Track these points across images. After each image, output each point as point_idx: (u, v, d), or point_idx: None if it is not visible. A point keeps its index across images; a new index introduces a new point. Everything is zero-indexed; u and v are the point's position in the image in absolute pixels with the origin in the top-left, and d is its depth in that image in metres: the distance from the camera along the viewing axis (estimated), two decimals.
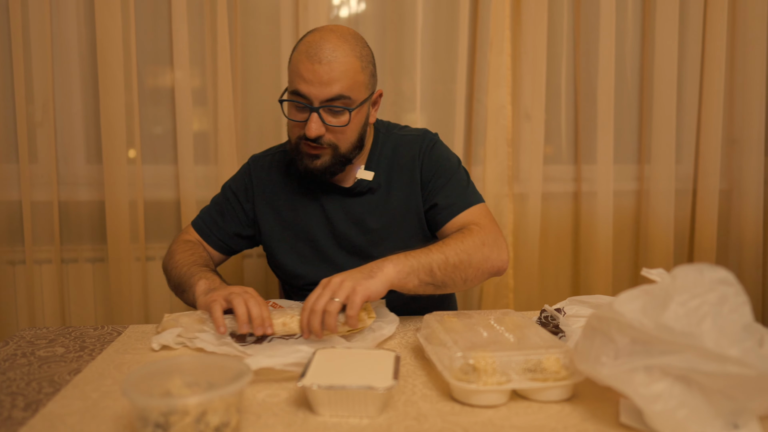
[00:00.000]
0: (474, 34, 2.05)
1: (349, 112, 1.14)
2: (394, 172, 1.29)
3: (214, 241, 1.33)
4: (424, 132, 1.33)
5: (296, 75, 1.13)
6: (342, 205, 1.29)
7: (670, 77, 2.10)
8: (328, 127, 1.15)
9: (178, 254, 1.25)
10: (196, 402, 0.65)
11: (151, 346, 1.00)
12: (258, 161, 1.36)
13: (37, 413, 0.76)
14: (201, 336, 0.98)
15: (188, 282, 1.14)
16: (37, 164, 1.85)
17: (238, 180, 1.36)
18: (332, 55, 1.11)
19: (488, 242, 1.14)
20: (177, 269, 1.20)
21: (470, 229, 1.17)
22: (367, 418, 0.74)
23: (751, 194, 2.20)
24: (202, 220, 1.35)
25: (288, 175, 1.32)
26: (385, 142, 1.31)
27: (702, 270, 0.70)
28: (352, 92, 1.13)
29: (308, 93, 1.12)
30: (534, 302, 2.11)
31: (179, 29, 1.84)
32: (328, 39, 1.13)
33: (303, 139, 1.16)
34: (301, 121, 1.15)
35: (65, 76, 1.84)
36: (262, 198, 1.32)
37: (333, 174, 1.21)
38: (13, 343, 1.03)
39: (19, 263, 1.86)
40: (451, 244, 1.10)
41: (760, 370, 0.62)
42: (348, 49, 1.13)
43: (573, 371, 0.78)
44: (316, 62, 1.10)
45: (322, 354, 0.85)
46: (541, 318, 1.09)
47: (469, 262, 1.10)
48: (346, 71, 1.12)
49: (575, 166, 2.18)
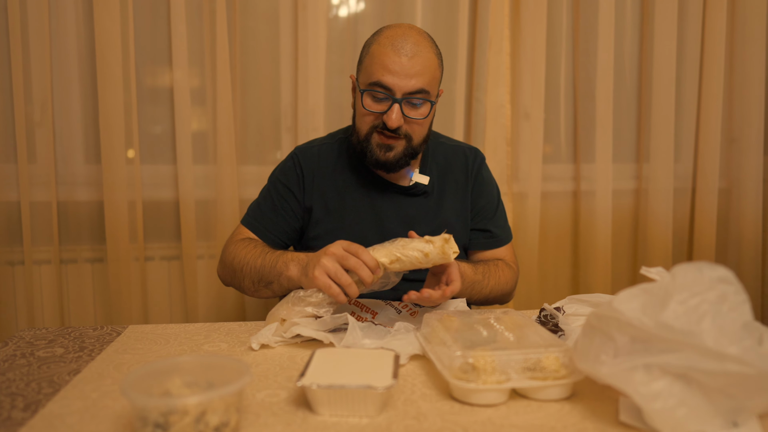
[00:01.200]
0: (473, 34, 2.05)
1: (431, 105, 1.19)
2: (447, 181, 1.32)
3: (270, 238, 1.29)
4: (474, 148, 1.41)
5: (380, 66, 1.15)
6: (395, 203, 1.30)
7: (669, 76, 2.10)
8: (407, 119, 1.18)
9: (242, 252, 1.20)
10: (195, 402, 0.65)
11: (251, 345, 1.00)
12: (305, 152, 1.34)
13: (37, 414, 0.75)
14: (300, 322, 1.01)
15: (272, 272, 1.12)
16: (35, 164, 1.84)
17: (288, 171, 1.33)
18: (417, 49, 1.15)
19: (513, 286, 1.33)
20: (251, 265, 1.17)
21: (511, 268, 1.32)
22: (367, 417, 0.74)
23: (750, 193, 2.20)
24: (254, 218, 1.31)
25: (336, 167, 1.32)
26: (435, 149, 1.36)
27: (701, 268, 0.70)
28: (431, 87, 1.18)
29: (392, 84, 1.14)
30: (533, 301, 2.11)
31: (178, 29, 1.84)
32: (411, 34, 1.17)
33: (377, 130, 1.19)
34: (377, 112, 1.18)
35: (64, 76, 1.84)
36: (312, 187, 1.31)
37: (401, 166, 1.24)
38: (13, 343, 1.02)
39: (18, 264, 1.86)
40: (501, 279, 1.26)
41: (759, 368, 0.62)
42: (429, 46, 1.18)
43: (572, 370, 0.78)
44: (403, 55, 1.14)
45: (321, 353, 0.85)
46: (540, 317, 1.09)
47: (495, 296, 1.27)
48: (429, 66, 1.17)
49: (574, 165, 2.18)
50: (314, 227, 1.30)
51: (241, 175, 1.96)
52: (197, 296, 1.95)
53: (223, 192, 1.91)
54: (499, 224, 1.37)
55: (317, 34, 1.91)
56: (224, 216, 1.91)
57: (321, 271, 1.00)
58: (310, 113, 1.94)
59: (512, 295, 1.34)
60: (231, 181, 1.91)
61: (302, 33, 1.90)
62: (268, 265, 1.13)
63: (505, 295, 1.30)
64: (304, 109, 1.93)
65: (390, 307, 1.18)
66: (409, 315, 1.15)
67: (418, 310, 1.18)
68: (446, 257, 1.03)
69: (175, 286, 1.97)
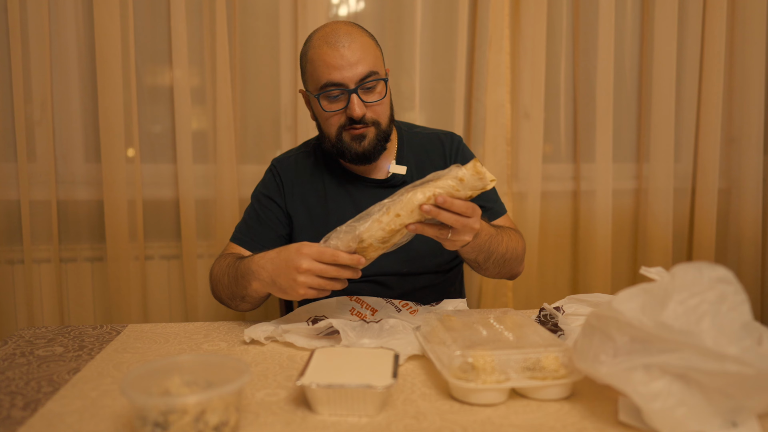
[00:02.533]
0: (473, 33, 2.05)
1: (385, 83, 1.21)
2: (425, 168, 1.32)
3: (258, 249, 1.27)
4: (449, 132, 1.40)
5: (324, 67, 1.16)
6: (375, 197, 1.28)
7: (669, 76, 2.10)
8: (368, 104, 1.19)
9: (217, 268, 1.21)
10: (195, 401, 0.65)
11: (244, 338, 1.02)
12: (282, 162, 1.36)
13: (36, 412, 0.75)
14: (292, 329, 1.01)
15: (238, 288, 1.11)
16: (35, 163, 1.84)
17: (268, 182, 1.35)
18: (350, 37, 1.17)
19: (524, 252, 1.27)
20: (222, 281, 1.17)
21: (516, 231, 1.27)
22: (366, 416, 0.74)
23: (750, 192, 2.20)
24: (241, 233, 1.31)
25: (314, 173, 1.33)
26: (410, 139, 1.36)
27: (701, 268, 0.70)
28: (377, 67, 1.19)
29: (342, 78, 1.15)
30: (533, 301, 2.11)
31: (178, 28, 1.84)
32: (339, 26, 1.19)
33: (344, 128, 1.20)
34: (338, 111, 1.19)
35: (64, 75, 1.84)
36: (292, 196, 1.32)
37: (379, 152, 1.24)
38: (12, 342, 1.02)
39: (18, 263, 1.86)
40: (512, 239, 1.20)
41: (758, 368, 0.62)
42: (360, 31, 1.21)
43: (572, 370, 0.78)
44: (340, 47, 1.15)
45: (321, 353, 0.85)
46: (540, 316, 1.09)
47: (511, 258, 1.20)
48: (368, 48, 1.19)
49: (574, 164, 2.18)
50: (299, 234, 1.30)
51: (241, 174, 1.96)
52: (197, 295, 1.95)
53: (222, 191, 1.91)
54: (491, 197, 1.34)
55: None
56: (224, 215, 1.91)
57: (303, 288, 0.97)
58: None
59: (523, 264, 1.29)
60: (231, 180, 1.91)
61: (302, 32, 1.90)
62: (233, 280, 1.12)
63: (518, 260, 1.24)
64: (303, 108, 1.93)
65: (390, 305, 1.18)
66: (409, 313, 1.16)
67: (418, 309, 1.18)
68: (483, 179, 0.91)
69: (175, 285, 1.97)
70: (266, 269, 1.02)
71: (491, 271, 1.19)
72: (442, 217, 0.91)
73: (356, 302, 1.18)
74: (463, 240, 0.97)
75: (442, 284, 1.34)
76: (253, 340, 1.02)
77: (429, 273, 1.30)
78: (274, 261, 1.01)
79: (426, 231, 0.94)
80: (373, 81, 1.17)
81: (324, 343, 0.99)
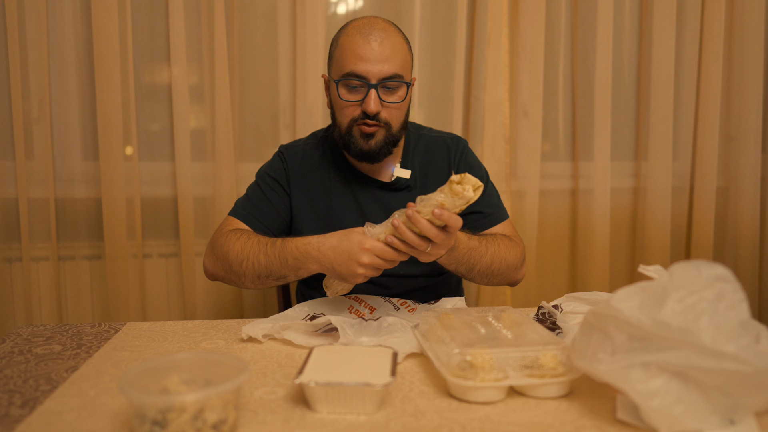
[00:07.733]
0: (472, 31, 2.05)
1: (407, 86, 1.20)
2: (430, 173, 1.31)
3: (260, 228, 1.25)
4: (455, 135, 1.39)
5: (351, 56, 1.15)
6: (378, 199, 1.29)
7: (667, 74, 2.10)
8: (384, 104, 1.18)
9: (237, 246, 1.15)
10: (193, 399, 0.64)
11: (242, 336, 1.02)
12: (290, 149, 1.35)
13: (35, 411, 0.75)
14: (291, 326, 1.02)
15: (284, 267, 1.10)
16: (33, 161, 1.84)
17: (276, 166, 1.33)
18: (384, 34, 1.16)
19: (520, 261, 1.25)
20: (252, 260, 1.12)
21: (512, 240, 1.26)
22: (365, 414, 0.74)
23: (748, 191, 2.20)
24: (244, 208, 1.27)
25: (320, 165, 1.32)
26: (417, 142, 1.35)
27: (699, 267, 0.70)
28: (404, 71, 1.19)
29: (366, 71, 1.15)
30: (531, 299, 2.11)
31: (176, 26, 1.83)
32: (377, 22, 1.19)
33: (356, 121, 1.19)
34: (355, 102, 1.18)
35: (62, 73, 1.84)
36: (297, 185, 1.31)
37: (384, 155, 1.23)
38: (10, 340, 1.02)
39: (16, 261, 1.85)
40: (501, 249, 1.19)
41: (756, 366, 0.62)
42: (396, 31, 1.20)
43: (570, 368, 0.79)
44: (372, 41, 1.15)
45: (319, 351, 0.85)
46: (538, 315, 1.09)
47: (499, 268, 1.19)
48: (400, 50, 1.18)
49: (573, 163, 2.18)
50: (300, 226, 1.29)
51: (239, 172, 1.95)
52: (195, 293, 1.94)
53: (221, 189, 1.91)
54: (491, 203, 1.33)
55: (315, 31, 1.91)
56: (222, 213, 1.91)
57: (361, 278, 1.03)
58: (309, 110, 1.93)
59: (521, 272, 1.28)
60: (229, 178, 1.91)
61: (300, 30, 1.90)
62: (276, 260, 1.10)
63: (511, 269, 1.23)
64: (302, 107, 1.93)
65: (389, 304, 1.18)
66: (407, 312, 1.16)
67: (417, 307, 1.18)
68: (464, 196, 0.95)
69: (173, 284, 1.97)
70: (328, 257, 1.05)
71: (479, 281, 1.21)
72: (405, 237, 0.98)
73: (354, 300, 1.18)
74: (438, 253, 1.02)
75: (439, 285, 1.34)
76: (251, 337, 1.02)
77: (425, 275, 1.30)
78: (335, 250, 1.04)
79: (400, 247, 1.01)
80: (395, 83, 1.17)
81: (322, 341, 1.00)
